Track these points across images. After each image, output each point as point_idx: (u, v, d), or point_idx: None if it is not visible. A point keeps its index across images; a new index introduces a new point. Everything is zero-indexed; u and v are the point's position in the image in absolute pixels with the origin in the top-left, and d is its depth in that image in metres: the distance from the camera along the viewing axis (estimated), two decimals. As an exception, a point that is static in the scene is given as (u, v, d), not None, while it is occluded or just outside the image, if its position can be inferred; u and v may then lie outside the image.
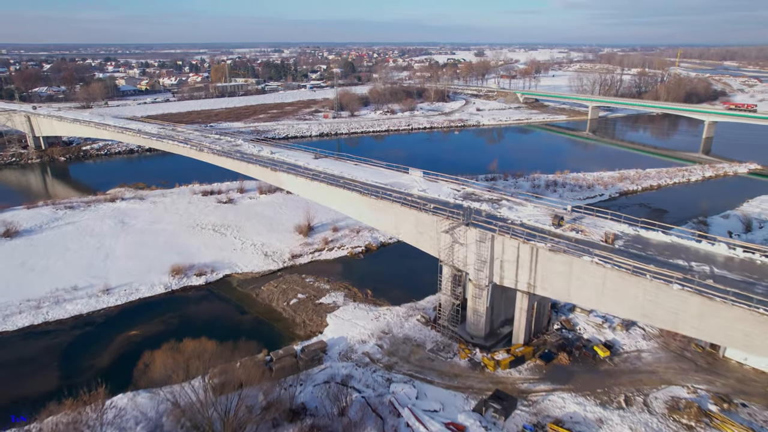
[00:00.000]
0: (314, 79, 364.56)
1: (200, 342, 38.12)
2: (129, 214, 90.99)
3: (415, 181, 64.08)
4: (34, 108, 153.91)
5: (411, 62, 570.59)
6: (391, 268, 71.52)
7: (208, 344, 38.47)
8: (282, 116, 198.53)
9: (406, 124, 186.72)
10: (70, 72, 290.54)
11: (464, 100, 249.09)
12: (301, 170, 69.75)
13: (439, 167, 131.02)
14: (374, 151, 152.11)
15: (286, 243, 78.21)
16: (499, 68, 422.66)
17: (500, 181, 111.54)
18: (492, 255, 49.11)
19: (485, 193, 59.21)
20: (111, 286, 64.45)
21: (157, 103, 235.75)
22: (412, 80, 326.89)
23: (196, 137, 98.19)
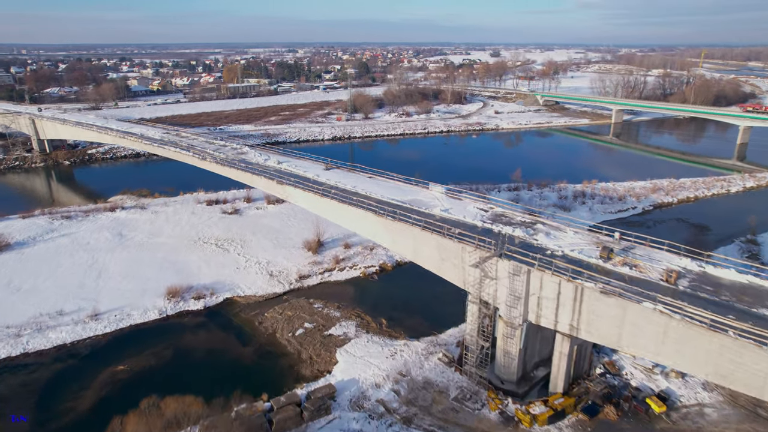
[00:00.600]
0: (328, 80, 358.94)
1: (184, 402, 31.81)
2: (128, 226, 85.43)
3: (437, 199, 57.30)
4: (40, 110, 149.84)
5: (426, 62, 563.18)
6: (408, 291, 64.81)
7: (194, 404, 32.15)
8: (294, 118, 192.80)
9: (421, 127, 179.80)
10: (82, 72, 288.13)
11: (481, 102, 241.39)
12: (310, 183, 63.34)
13: (458, 175, 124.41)
14: (389, 157, 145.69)
15: (293, 261, 71.89)
16: (516, 69, 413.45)
17: (524, 192, 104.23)
18: (528, 290, 42.24)
19: (517, 215, 52.19)
20: (100, 310, 58.62)
21: (167, 105, 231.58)
22: (428, 81, 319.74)
23: (199, 144, 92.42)
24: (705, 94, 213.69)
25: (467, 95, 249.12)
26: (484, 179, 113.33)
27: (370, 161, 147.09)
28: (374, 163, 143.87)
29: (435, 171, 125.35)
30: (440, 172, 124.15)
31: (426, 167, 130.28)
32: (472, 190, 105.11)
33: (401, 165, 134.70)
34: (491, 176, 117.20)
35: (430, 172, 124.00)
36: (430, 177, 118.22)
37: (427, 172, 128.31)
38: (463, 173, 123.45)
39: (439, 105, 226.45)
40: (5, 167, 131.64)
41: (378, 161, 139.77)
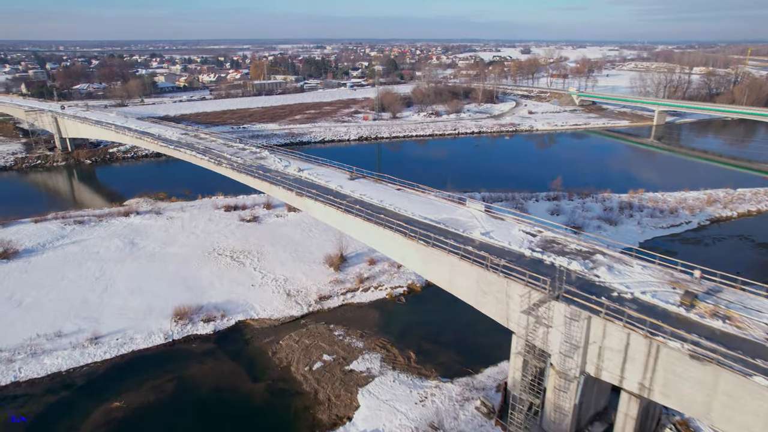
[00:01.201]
0: (355, 77, 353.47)
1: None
2: (141, 233, 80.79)
3: (475, 218, 50.25)
4: (63, 108, 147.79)
5: (455, 59, 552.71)
6: (440, 317, 57.99)
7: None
8: (319, 117, 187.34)
9: (452, 127, 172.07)
10: (110, 69, 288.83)
11: (514, 101, 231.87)
12: (332, 196, 57.01)
13: (492, 181, 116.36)
14: (417, 159, 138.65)
15: (313, 278, 65.83)
16: (548, 67, 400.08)
17: (564, 202, 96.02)
18: (587, 338, 35.03)
19: (570, 241, 44.75)
20: (101, 332, 53.56)
21: (192, 102, 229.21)
22: (457, 79, 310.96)
23: (217, 146, 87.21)
24: (756, 94, 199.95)
25: (499, 94, 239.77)
26: (521, 186, 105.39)
27: (397, 164, 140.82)
28: (402, 166, 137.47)
29: (466, 176, 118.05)
30: (472, 178, 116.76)
31: (457, 171, 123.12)
32: (508, 200, 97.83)
33: (430, 168, 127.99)
34: (528, 183, 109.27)
35: (462, 178, 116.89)
36: (462, 183, 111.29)
37: (458, 177, 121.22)
38: (497, 179, 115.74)
39: (469, 104, 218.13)
40: (27, 166, 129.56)
41: (406, 164, 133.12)
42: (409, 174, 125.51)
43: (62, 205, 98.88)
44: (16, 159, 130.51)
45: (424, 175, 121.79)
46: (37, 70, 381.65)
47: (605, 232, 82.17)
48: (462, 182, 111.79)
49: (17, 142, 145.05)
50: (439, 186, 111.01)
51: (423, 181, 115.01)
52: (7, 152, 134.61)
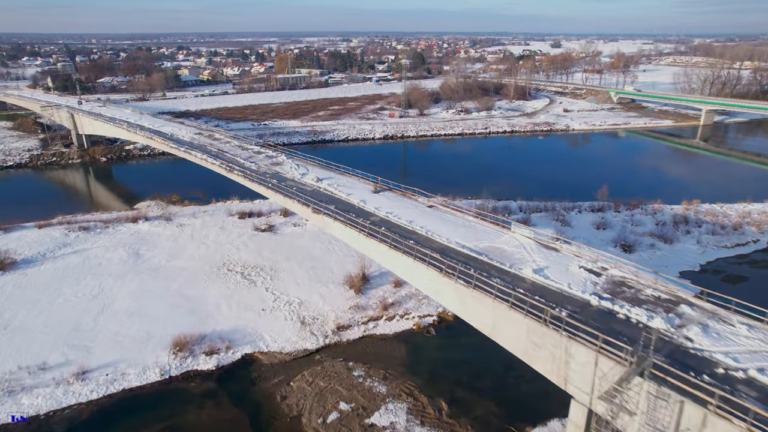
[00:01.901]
0: (381, 71, 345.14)
1: None
2: (148, 242, 74.72)
3: (523, 248, 42.00)
4: (80, 103, 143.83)
5: (483, 53, 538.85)
6: (476, 356, 49.97)
7: None
8: (344, 114, 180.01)
9: (482, 126, 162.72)
10: (132, 62, 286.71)
11: (547, 98, 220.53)
12: (353, 214, 49.46)
13: (528, 187, 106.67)
14: (446, 161, 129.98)
15: (331, 302, 58.52)
16: (581, 61, 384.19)
17: (610, 214, 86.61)
18: (678, 424, 26.74)
19: (645, 284, 36.18)
20: (90, 366, 47.23)
21: (214, 96, 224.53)
22: (487, 74, 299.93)
23: (231, 149, 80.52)
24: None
25: (531, 90, 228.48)
26: (560, 193, 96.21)
27: (424, 166, 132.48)
28: (430, 168, 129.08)
29: (500, 181, 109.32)
30: (506, 183, 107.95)
31: (489, 175, 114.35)
32: (548, 210, 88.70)
33: (460, 172, 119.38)
34: (567, 190, 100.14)
35: (495, 183, 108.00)
36: (496, 189, 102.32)
37: (491, 182, 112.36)
38: (533, 185, 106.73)
39: (500, 101, 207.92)
40: (42, 163, 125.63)
41: (434, 166, 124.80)
42: (438, 178, 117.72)
43: (71, 206, 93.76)
44: (31, 156, 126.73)
45: (454, 180, 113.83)
46: (66, 63, 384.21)
47: (660, 251, 72.86)
48: (495, 188, 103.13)
49: (35, 138, 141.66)
50: (471, 191, 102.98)
51: (453, 186, 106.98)
52: (23, 149, 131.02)
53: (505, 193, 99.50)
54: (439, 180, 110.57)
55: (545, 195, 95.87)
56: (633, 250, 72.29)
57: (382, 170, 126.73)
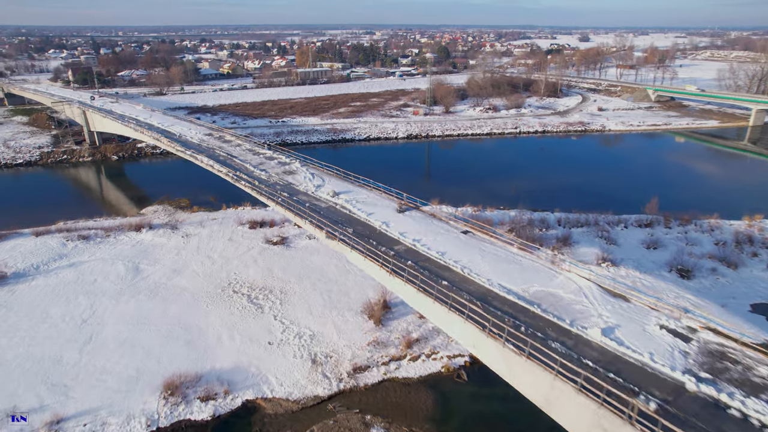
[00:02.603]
0: (404, 65, 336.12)
1: None
2: (149, 255, 68.44)
3: (584, 295, 33.83)
4: (92, 98, 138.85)
5: (510, 47, 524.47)
6: (516, 409, 41.93)
7: None
8: (365, 111, 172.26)
9: (512, 125, 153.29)
10: (151, 55, 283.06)
11: (579, 95, 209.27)
12: (374, 241, 41.92)
13: (567, 196, 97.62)
14: (473, 163, 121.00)
15: (347, 336, 51.19)
16: (611, 56, 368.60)
17: (660, 230, 77.41)
18: None
19: (756, 359, 27.74)
20: (67, 413, 40.75)
21: (233, 91, 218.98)
22: (514, 69, 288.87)
23: (241, 153, 73.60)
24: None
25: (563, 87, 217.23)
26: (601, 204, 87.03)
27: (451, 169, 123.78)
28: (456, 171, 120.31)
29: (534, 187, 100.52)
30: (542, 190, 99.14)
31: (521, 181, 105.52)
32: (590, 224, 79.67)
33: (490, 177, 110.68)
34: (609, 200, 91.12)
35: (529, 190, 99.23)
36: (530, 197, 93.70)
37: (524, 190, 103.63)
38: (571, 194, 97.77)
39: (530, 98, 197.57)
40: (53, 161, 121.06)
41: (461, 170, 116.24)
42: (466, 183, 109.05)
43: (75, 209, 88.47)
44: (41, 153, 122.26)
45: (484, 186, 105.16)
46: (89, 56, 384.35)
47: (724, 277, 63.62)
48: (530, 196, 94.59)
49: (47, 134, 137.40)
50: (503, 199, 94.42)
51: (483, 193, 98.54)
52: (33, 146, 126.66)
53: (540, 202, 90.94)
54: (467, 185, 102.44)
55: (585, 205, 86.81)
56: (692, 276, 63.27)
57: (404, 173, 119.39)
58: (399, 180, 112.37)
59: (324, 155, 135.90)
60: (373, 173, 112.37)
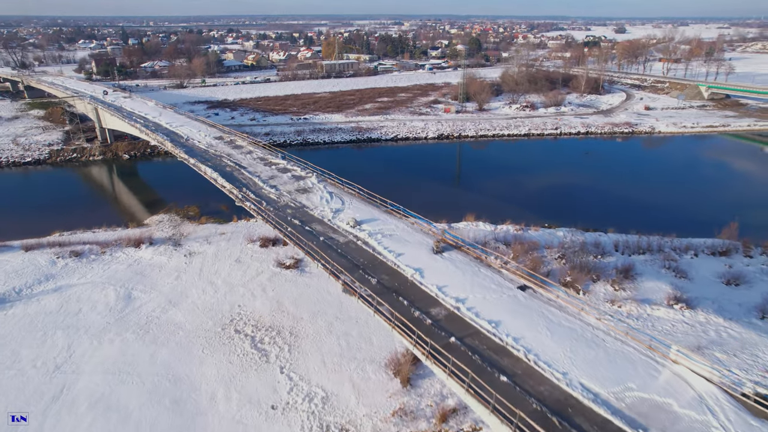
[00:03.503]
0: (434, 57, 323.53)
1: None
2: (145, 278, 60.16)
3: (710, 412, 23.31)
4: (105, 93, 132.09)
5: (543, 39, 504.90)
6: None
7: None
8: (393, 107, 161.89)
9: (552, 126, 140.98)
10: (173, 46, 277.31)
11: (623, 92, 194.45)
12: (402, 297, 32.17)
13: (622, 212, 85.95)
14: (512, 170, 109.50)
15: (367, 400, 41.65)
16: (653, 49, 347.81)
17: (738, 259, 65.59)
18: None
19: None
20: (13, 507, 32.50)
21: (255, 84, 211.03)
22: (551, 62, 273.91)
23: (252, 162, 64.54)
24: None
25: (604, 83, 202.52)
26: (663, 224, 75.38)
27: (485, 175, 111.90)
28: (492, 179, 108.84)
29: (583, 202, 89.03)
30: (592, 205, 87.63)
31: (566, 192, 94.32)
32: (653, 251, 67.72)
33: (529, 183, 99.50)
34: (672, 219, 79.38)
35: (578, 205, 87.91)
36: (580, 214, 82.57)
37: (569, 201, 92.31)
38: (626, 210, 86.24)
39: (569, 94, 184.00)
40: (62, 159, 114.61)
41: (496, 174, 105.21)
42: (504, 193, 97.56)
43: (73, 218, 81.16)
44: (51, 151, 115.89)
45: (524, 197, 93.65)
46: (116, 46, 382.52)
47: (831, 329, 51.71)
48: (577, 210, 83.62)
49: (60, 130, 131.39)
50: (547, 214, 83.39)
51: (524, 205, 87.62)
52: (44, 143, 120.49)
53: (590, 219, 79.86)
54: (505, 194, 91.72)
55: (643, 225, 75.29)
56: (791, 326, 51.60)
57: (435, 178, 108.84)
58: (429, 186, 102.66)
59: (348, 156, 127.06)
60: (401, 179, 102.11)
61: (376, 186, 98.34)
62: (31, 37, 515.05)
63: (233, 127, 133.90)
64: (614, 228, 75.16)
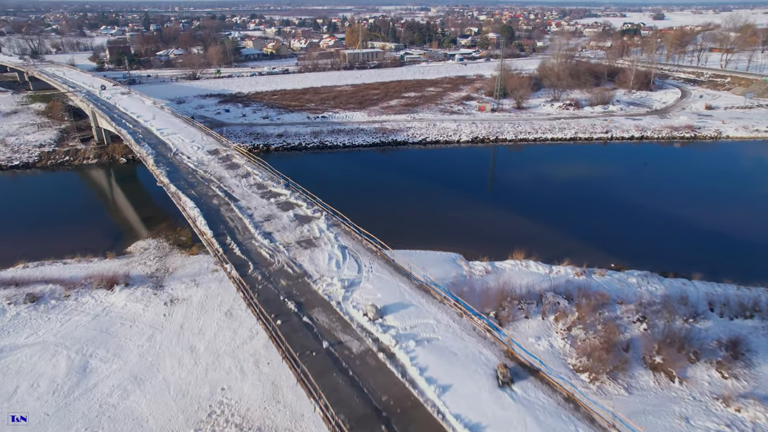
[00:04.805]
0: (464, 46, 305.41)
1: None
2: (110, 340, 47.53)
3: None
4: (103, 87, 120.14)
5: (578, 27, 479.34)
6: None
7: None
8: (421, 104, 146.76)
9: (601, 129, 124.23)
10: (190, 33, 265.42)
11: (676, 88, 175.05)
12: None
13: (709, 249, 66.86)
14: (557, 181, 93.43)
15: None
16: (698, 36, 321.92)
17: None
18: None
19: None
20: None
21: (272, 75, 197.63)
22: (590, 53, 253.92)
23: (246, 192, 51.04)
24: None
25: (655, 78, 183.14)
26: (762, 268, 59.64)
27: (529, 186, 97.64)
28: (535, 190, 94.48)
29: (652, 231, 73.00)
30: (665, 237, 71.58)
31: (626, 214, 78.28)
32: (760, 310, 52.81)
33: (584, 202, 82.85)
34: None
35: (645, 236, 71.69)
36: (654, 250, 66.88)
37: (637, 233, 76.44)
38: (711, 244, 70.02)
39: (615, 90, 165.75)
40: (53, 162, 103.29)
41: (541, 186, 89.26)
42: (554, 215, 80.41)
43: (46, 241, 69.36)
44: (41, 154, 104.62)
45: (579, 222, 77.06)
46: (135, 33, 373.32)
47: None
48: (650, 245, 68.13)
49: (56, 128, 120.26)
50: (612, 251, 67.98)
51: (581, 235, 71.44)
52: (35, 143, 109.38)
53: (666, 256, 64.65)
54: (556, 220, 76.18)
55: (739, 269, 59.74)
56: None
57: (470, 190, 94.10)
58: (462, 203, 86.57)
59: (369, 162, 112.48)
60: (429, 192, 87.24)
61: (399, 206, 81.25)
62: (57, 23, 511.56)
63: (244, 126, 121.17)
64: (701, 273, 59.65)
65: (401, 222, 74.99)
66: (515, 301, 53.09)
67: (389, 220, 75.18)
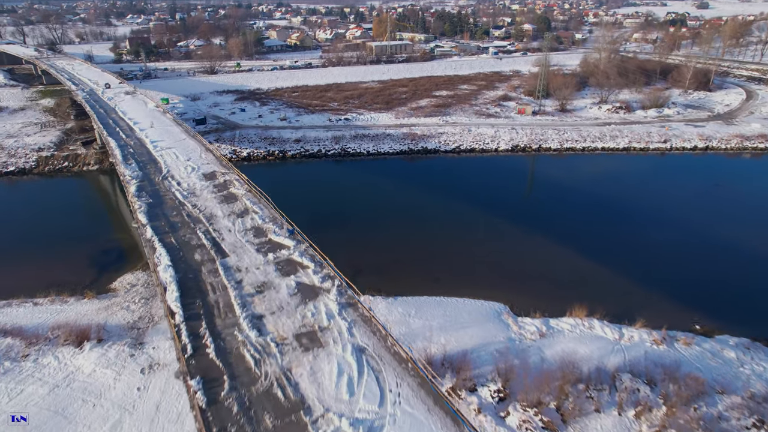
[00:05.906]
0: (497, 37, 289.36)
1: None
2: (66, 424, 37.48)
3: None
4: (107, 86, 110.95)
5: (618, 17, 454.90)
6: None
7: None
8: (454, 104, 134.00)
9: (659, 137, 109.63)
10: (207, 24, 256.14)
11: (739, 87, 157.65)
12: None
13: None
14: (612, 202, 79.42)
15: None
16: (751, 27, 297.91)
17: None
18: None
19: None
20: None
21: (294, 69, 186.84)
22: (635, 45, 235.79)
23: (236, 237, 40.18)
24: None
25: (714, 77, 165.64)
26: None
27: (579, 208, 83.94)
28: (586, 212, 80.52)
29: (742, 273, 59.40)
30: (762, 282, 58.02)
31: (717, 257, 64.31)
32: None
33: (648, 231, 67.51)
34: None
35: (734, 278, 58.05)
36: (740, 293, 52.44)
37: (721, 273, 62.87)
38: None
39: (668, 89, 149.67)
40: (51, 168, 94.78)
41: (592, 208, 75.33)
42: (617, 254, 57.90)
43: (18, 272, 60.16)
44: (39, 159, 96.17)
45: (654, 266, 62.13)
46: (159, 22, 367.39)
47: None
48: (739, 294, 55.15)
49: (58, 129, 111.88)
50: (700, 306, 54.40)
51: (657, 282, 55.36)
52: (34, 147, 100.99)
53: (762, 311, 51.53)
54: (618, 258, 63.10)
55: None
56: None
57: (510, 215, 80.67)
58: (503, 230, 71.46)
59: (396, 172, 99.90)
60: (463, 216, 74.84)
61: (428, 234, 69.66)
62: (86, 11, 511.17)
63: (259, 129, 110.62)
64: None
65: (431, 256, 63.48)
66: (581, 385, 41.20)
67: (416, 251, 64.05)
